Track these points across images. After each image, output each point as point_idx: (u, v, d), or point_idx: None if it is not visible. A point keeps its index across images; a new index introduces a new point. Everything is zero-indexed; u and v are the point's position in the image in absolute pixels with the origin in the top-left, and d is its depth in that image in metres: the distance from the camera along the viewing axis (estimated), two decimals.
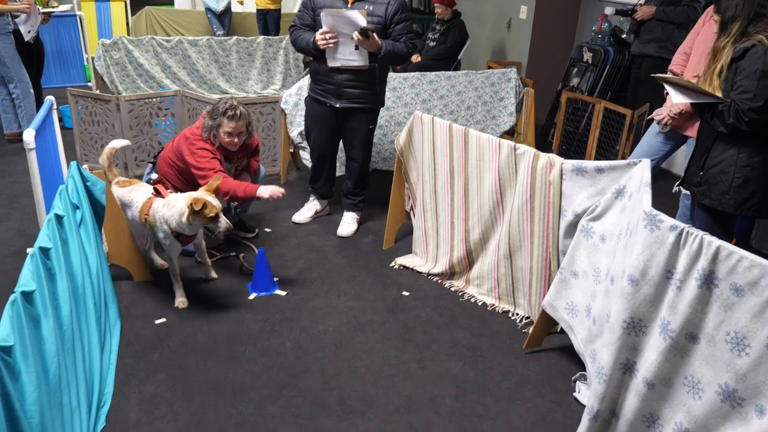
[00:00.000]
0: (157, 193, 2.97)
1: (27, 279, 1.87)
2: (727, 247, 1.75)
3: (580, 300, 2.56)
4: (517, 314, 3.10)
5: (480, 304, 3.19)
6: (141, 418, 2.34)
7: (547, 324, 2.82)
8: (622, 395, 2.15)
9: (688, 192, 3.01)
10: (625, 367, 2.11)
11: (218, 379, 2.55)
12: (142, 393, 2.46)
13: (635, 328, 2.04)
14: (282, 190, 3.05)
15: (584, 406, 2.46)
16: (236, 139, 3.11)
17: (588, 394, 2.53)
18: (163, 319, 2.91)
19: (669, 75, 2.70)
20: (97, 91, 5.83)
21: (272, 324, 2.93)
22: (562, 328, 2.86)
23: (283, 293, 3.19)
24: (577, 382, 2.62)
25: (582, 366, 2.64)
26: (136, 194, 2.99)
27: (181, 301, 3.02)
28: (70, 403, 2.04)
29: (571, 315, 2.60)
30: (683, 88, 2.46)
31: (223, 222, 2.75)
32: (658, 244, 1.91)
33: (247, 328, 2.90)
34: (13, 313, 1.70)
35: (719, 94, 2.53)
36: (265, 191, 3.03)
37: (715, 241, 1.77)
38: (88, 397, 2.27)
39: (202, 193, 2.77)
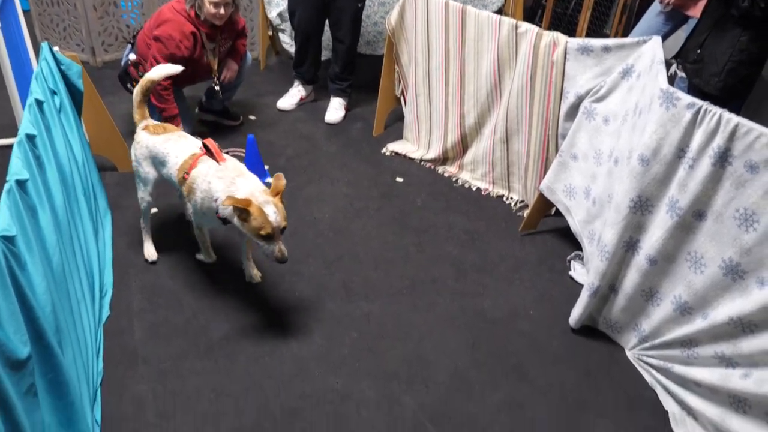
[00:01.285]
0: (208, 151, 2.20)
1: (18, 168, 1.76)
2: (746, 124, 1.73)
3: (579, 182, 2.57)
4: (512, 198, 3.12)
5: (474, 189, 3.19)
6: (144, 306, 2.33)
7: (543, 207, 2.84)
8: (622, 271, 2.22)
9: (683, 75, 2.98)
10: (628, 245, 2.16)
11: (220, 266, 2.54)
12: (142, 282, 2.44)
13: (642, 207, 2.06)
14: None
15: (579, 283, 2.55)
16: (222, 11, 2.89)
17: (583, 272, 2.61)
18: (155, 210, 2.84)
19: None
20: None
21: None
22: (556, 211, 2.90)
23: None
24: (572, 262, 2.69)
25: (576, 246, 2.70)
26: (174, 146, 2.28)
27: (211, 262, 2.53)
28: (76, 293, 2.01)
29: (569, 197, 2.62)
30: None
31: (278, 250, 2.02)
32: (674, 122, 1.89)
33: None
34: (11, 202, 1.62)
35: None
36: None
37: (734, 118, 1.75)
38: (90, 287, 2.24)
39: (262, 198, 1.99)
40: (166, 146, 2.30)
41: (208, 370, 2.08)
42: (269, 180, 3.12)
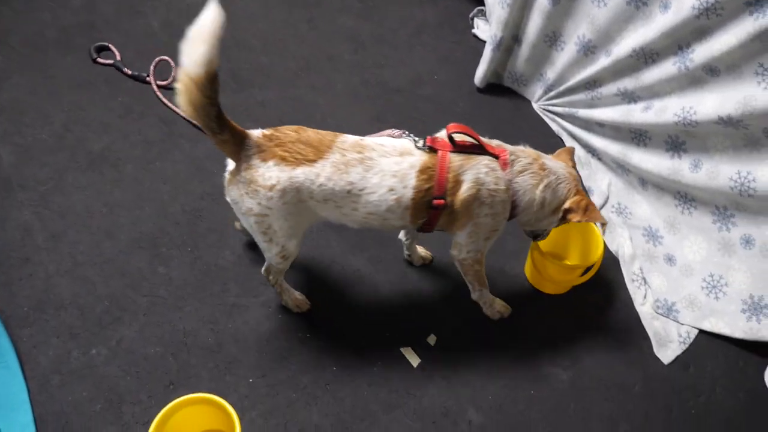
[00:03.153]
0: (454, 145, 1.44)
1: None
2: None
3: None
4: None
5: None
6: (7, 128, 2.05)
7: None
8: (525, 18, 2.08)
9: None
10: None
11: (85, 74, 2.23)
12: None
13: None
14: None
15: (484, 41, 2.41)
16: None
17: (486, 28, 2.47)
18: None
19: None
20: None
21: (131, 4, 2.50)
22: None
23: None
24: (475, 19, 2.52)
25: (478, 2, 2.51)
26: (369, 173, 1.39)
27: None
28: None
29: None
30: None
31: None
32: None
33: (103, 14, 2.45)
34: None
35: None
36: None
37: None
38: None
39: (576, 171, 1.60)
40: (353, 179, 1.39)
41: (95, 183, 1.91)
42: None
